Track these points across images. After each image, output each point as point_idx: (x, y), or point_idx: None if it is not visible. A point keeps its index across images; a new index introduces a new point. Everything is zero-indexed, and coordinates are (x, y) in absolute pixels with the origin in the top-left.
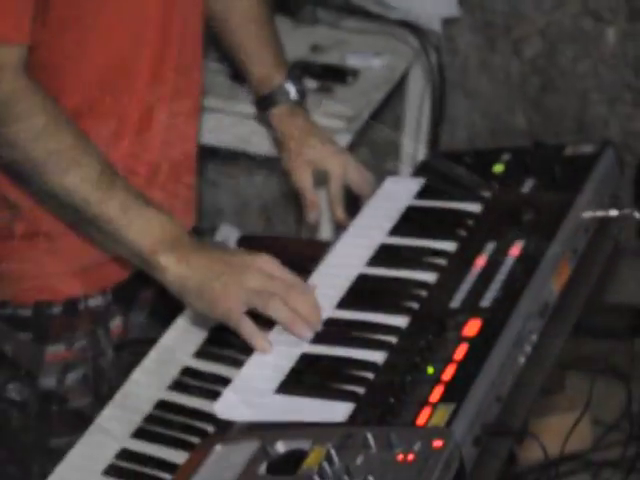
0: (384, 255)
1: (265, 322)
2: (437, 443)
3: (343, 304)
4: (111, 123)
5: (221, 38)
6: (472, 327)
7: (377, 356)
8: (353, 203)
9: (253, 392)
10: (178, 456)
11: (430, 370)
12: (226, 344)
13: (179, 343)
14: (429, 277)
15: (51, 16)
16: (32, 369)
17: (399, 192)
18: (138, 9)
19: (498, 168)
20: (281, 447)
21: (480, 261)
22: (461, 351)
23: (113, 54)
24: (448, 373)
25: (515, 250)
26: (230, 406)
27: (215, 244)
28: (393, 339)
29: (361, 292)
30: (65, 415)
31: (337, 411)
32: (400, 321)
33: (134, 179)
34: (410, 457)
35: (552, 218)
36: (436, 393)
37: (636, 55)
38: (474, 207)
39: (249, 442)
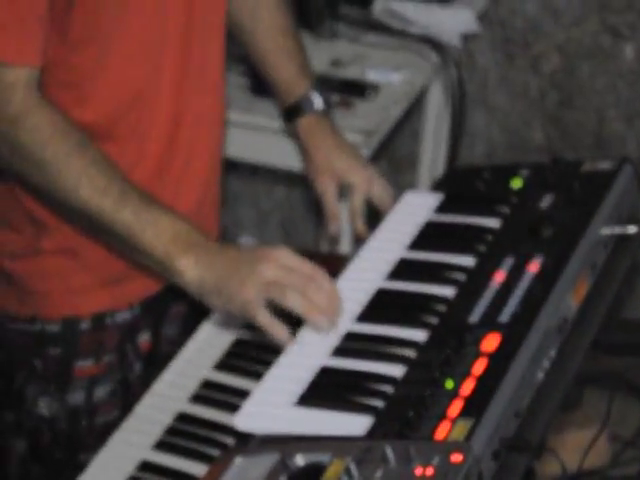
0: (403, 269)
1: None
2: (456, 457)
3: (362, 318)
4: (134, 138)
5: (247, 49)
6: (491, 342)
7: (396, 370)
8: (373, 218)
9: (273, 405)
10: (198, 468)
11: (449, 385)
12: (246, 357)
13: (199, 356)
14: (448, 292)
15: (70, 35)
16: (61, 384)
17: (418, 207)
18: (158, 26)
19: (517, 183)
20: (300, 460)
21: (499, 276)
22: (480, 366)
23: (133, 71)
24: (467, 388)
25: (534, 266)
26: (250, 419)
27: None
28: (412, 353)
29: (380, 306)
30: (93, 430)
31: (356, 424)
32: (419, 335)
33: (161, 192)
34: (429, 471)
35: (571, 234)
36: (455, 408)
37: None
38: (493, 222)
39: (269, 455)
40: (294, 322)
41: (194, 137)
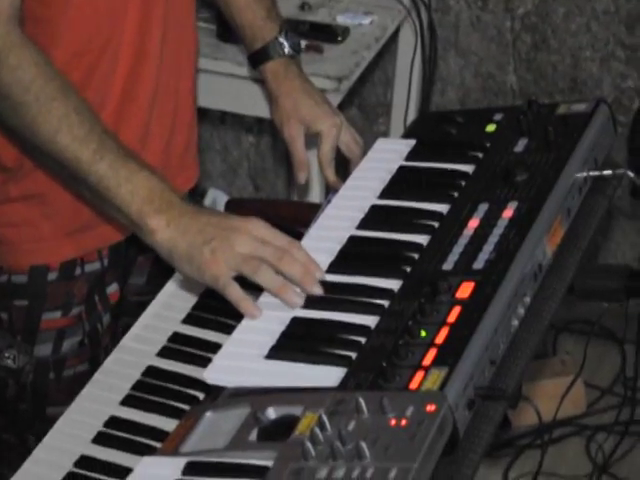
0: (375, 217)
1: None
2: (430, 407)
3: (334, 267)
4: (97, 76)
5: None
6: (465, 290)
7: (369, 320)
8: (344, 167)
9: (243, 358)
10: (168, 423)
11: (423, 333)
12: (216, 310)
13: (168, 309)
14: (421, 239)
15: None
16: (28, 336)
17: (390, 153)
18: None
19: (490, 128)
20: (272, 413)
21: (473, 223)
22: (454, 314)
23: (102, 5)
24: (441, 336)
25: (508, 211)
26: (220, 372)
27: (207, 208)
28: (385, 302)
29: (352, 255)
30: (61, 383)
31: (329, 376)
32: (392, 284)
33: (125, 132)
34: (403, 422)
35: (545, 178)
36: (429, 357)
37: (629, 12)
38: (466, 168)
39: (239, 408)
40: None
41: (160, 75)
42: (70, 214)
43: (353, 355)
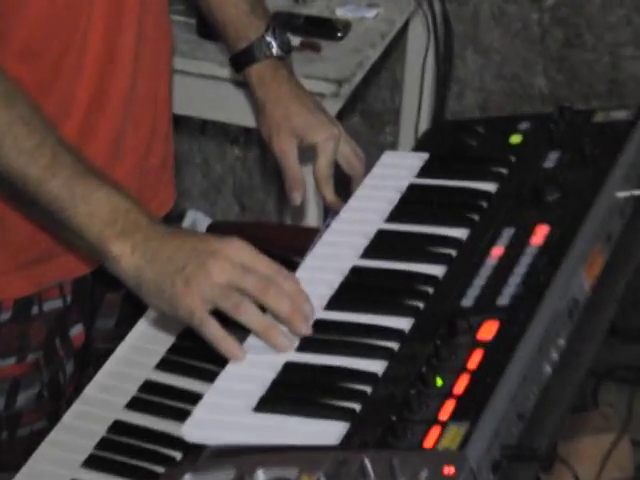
0: (382, 244)
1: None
2: (448, 470)
3: (334, 304)
4: (63, 80)
5: None
6: (488, 330)
7: (376, 366)
8: (344, 185)
9: (228, 410)
10: None
11: (439, 382)
12: (195, 353)
13: (138, 353)
14: (436, 270)
15: None
16: None
17: (399, 169)
18: None
19: (516, 139)
20: (261, 476)
21: (496, 251)
22: (475, 359)
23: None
24: (460, 385)
25: (538, 237)
26: (200, 427)
27: (182, 229)
28: (395, 345)
29: (356, 289)
30: (15, 443)
31: (329, 432)
32: (403, 323)
33: (94, 146)
34: None
35: (581, 198)
36: (446, 409)
37: None
38: (488, 186)
39: (223, 471)
40: None
41: (135, 79)
42: (26, 242)
43: (357, 407)
